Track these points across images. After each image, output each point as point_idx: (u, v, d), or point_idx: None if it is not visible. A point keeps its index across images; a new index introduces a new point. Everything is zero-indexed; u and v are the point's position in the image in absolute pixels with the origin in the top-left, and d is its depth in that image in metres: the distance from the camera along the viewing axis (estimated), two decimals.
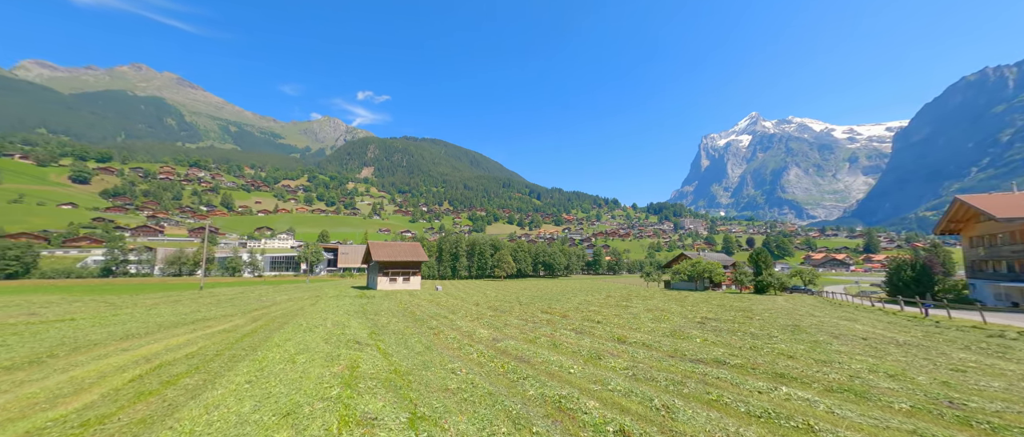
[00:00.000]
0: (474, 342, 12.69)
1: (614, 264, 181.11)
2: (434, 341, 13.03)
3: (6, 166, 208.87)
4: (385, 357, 8.93)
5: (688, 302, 28.53)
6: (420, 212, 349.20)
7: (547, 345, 11.88)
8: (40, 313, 20.19)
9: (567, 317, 19.78)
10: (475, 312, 22.39)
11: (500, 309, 24.05)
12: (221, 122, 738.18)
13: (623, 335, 13.48)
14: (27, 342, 12.10)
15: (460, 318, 19.50)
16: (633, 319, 18.41)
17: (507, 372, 8.58)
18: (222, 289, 49.11)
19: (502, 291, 46.94)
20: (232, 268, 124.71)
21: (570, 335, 13.81)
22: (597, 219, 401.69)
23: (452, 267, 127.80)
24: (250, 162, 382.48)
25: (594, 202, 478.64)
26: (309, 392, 5.34)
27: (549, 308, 24.28)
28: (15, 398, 6.70)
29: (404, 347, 11.57)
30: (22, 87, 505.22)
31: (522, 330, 15.22)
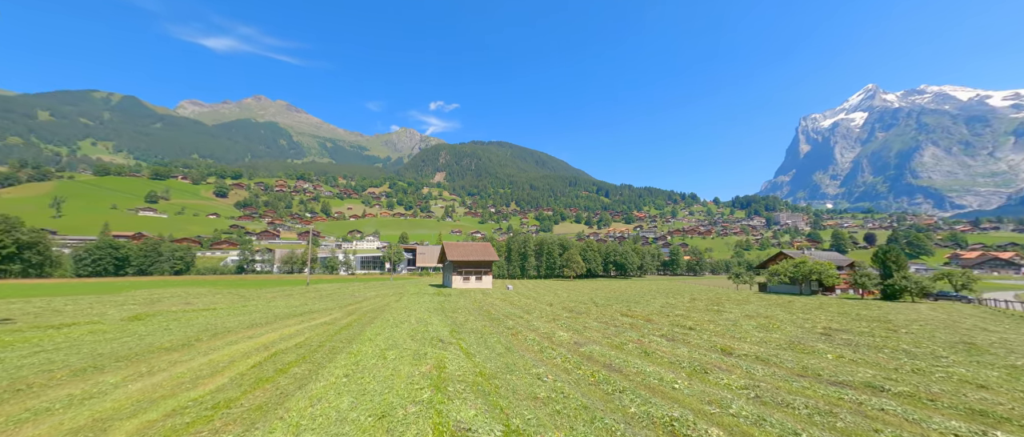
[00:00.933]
0: (555, 345, 12.05)
1: (694, 264, 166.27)
2: (513, 342, 12.68)
3: (172, 185, 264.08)
4: (468, 357, 8.73)
5: (796, 308, 24.42)
6: (488, 213, 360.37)
7: (637, 353, 10.72)
8: (193, 302, 24.62)
9: (652, 321, 18.09)
10: (550, 313, 21.75)
11: (576, 310, 23.08)
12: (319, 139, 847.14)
13: (727, 345, 11.67)
14: (183, 327, 14.56)
15: (536, 318, 19.03)
16: (733, 326, 16.09)
17: (598, 382, 7.77)
18: (323, 285, 55.60)
19: (573, 291, 45.64)
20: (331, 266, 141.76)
21: (661, 342, 12.39)
22: (672, 216, 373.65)
23: (521, 267, 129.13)
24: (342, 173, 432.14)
25: (668, 198, 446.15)
26: (401, 393, 5.17)
27: (629, 310, 22.62)
28: (169, 377, 7.73)
29: (484, 347, 11.38)
30: (181, 122, 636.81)
31: (604, 334, 14.15)
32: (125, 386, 7.15)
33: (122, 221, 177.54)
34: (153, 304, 22.42)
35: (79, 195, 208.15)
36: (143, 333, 13.10)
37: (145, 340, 11.79)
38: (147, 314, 17.82)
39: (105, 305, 21.14)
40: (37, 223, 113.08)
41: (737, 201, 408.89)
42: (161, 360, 9.33)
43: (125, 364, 8.89)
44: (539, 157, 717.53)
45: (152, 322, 15.63)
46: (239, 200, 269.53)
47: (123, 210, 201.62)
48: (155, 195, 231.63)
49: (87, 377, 7.80)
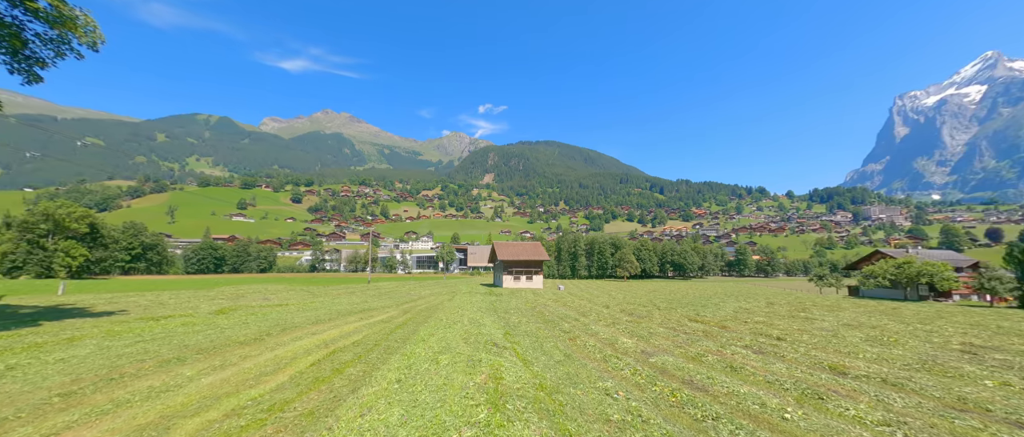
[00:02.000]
0: (619, 353, 10.87)
1: (765, 265, 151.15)
2: (572, 348, 11.72)
3: (257, 193, 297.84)
4: (525, 365, 7.96)
5: (908, 317, 20.40)
6: (537, 213, 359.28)
7: (721, 367, 9.21)
8: (270, 298, 26.84)
9: (728, 328, 16.00)
10: (608, 315, 20.35)
11: (636, 313, 21.38)
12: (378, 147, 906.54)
13: (836, 362, 9.65)
14: (258, 321, 15.59)
15: (593, 322, 17.81)
16: (833, 338, 13.58)
17: (682, 403, 6.58)
18: (383, 283, 58.60)
19: (629, 293, 43.13)
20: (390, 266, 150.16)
21: (747, 354, 10.65)
22: (737, 212, 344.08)
23: (571, 266, 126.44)
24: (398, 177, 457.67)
25: (732, 192, 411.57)
26: (454, 409, 4.52)
27: (697, 315, 20.43)
28: (237, 372, 7.91)
29: (541, 352, 10.57)
30: (264, 137, 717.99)
31: (674, 341, 12.62)
32: (198, 380, 7.40)
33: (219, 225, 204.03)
34: (237, 299, 24.72)
35: (187, 204, 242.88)
36: (224, 326, 14.14)
37: (225, 333, 12.64)
38: (230, 308, 19.53)
39: (199, 299, 23.70)
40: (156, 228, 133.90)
41: (815, 194, 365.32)
42: (234, 354, 9.76)
43: (203, 357, 9.41)
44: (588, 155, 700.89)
45: (234, 316, 16.99)
46: (311, 205, 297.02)
47: (220, 216, 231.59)
48: (244, 202, 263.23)
49: (169, 369, 8.26)
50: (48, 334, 11.49)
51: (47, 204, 74.46)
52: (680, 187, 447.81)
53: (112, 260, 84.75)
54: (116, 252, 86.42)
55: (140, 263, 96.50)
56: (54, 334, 11.50)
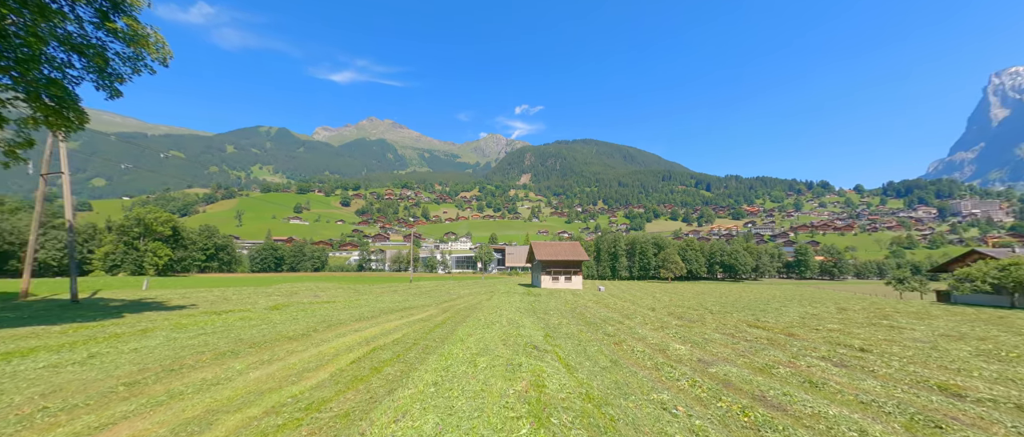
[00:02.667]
0: (672, 361, 9.90)
1: (830, 266, 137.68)
2: (618, 353, 10.89)
3: (311, 198, 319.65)
4: (569, 371, 7.35)
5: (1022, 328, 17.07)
6: (575, 213, 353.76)
7: (796, 382, 8.00)
8: (320, 295, 28.26)
9: (795, 336, 14.24)
10: (655, 319, 19.06)
11: (686, 317, 19.87)
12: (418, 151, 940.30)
13: (944, 381, 8.05)
14: (307, 317, 16.25)
15: (639, 325, 16.70)
16: (932, 351, 11.55)
17: (756, 424, 5.65)
18: (424, 282, 60.16)
19: (675, 294, 40.68)
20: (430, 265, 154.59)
21: (827, 368, 9.25)
22: (795, 209, 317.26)
23: (611, 267, 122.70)
24: (438, 180, 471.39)
25: (789, 188, 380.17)
26: (493, 421, 4.05)
27: (757, 320, 18.54)
28: (282, 367, 8.02)
29: (585, 357, 9.88)
30: (317, 146, 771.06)
31: (735, 350, 11.34)
32: (246, 374, 7.57)
33: (279, 228, 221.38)
34: (291, 296, 26.23)
35: (252, 208, 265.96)
36: (277, 321, 14.84)
37: (276, 328, 13.20)
38: (284, 304, 20.65)
39: (258, 296, 25.42)
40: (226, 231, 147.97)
41: (890, 188, 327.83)
42: (282, 348, 10.04)
43: (255, 351, 9.75)
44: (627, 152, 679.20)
45: (286, 312, 17.88)
46: (358, 208, 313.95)
47: (279, 219, 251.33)
48: (300, 206, 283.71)
49: (223, 361, 8.59)
50: (127, 325, 12.62)
51: (139, 210, 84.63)
52: (729, 183, 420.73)
53: (190, 259, 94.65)
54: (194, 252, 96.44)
55: (213, 262, 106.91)
56: (132, 325, 12.61)
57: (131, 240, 79.69)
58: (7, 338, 10.16)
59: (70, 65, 12.95)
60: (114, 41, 13.06)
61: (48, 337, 10.44)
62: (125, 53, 13.45)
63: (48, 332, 11.08)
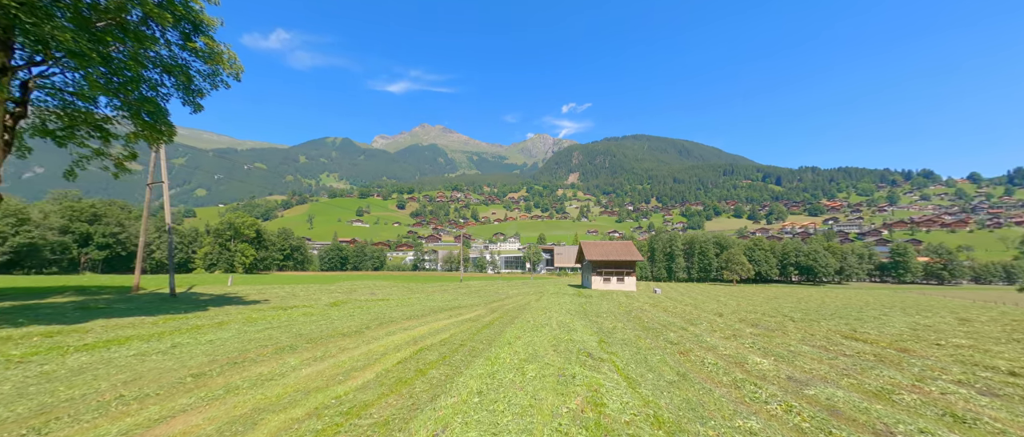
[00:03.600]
0: (755, 378, 8.45)
1: (938, 268, 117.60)
2: (686, 366, 9.61)
3: (371, 202, 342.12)
4: (631, 386, 6.41)
5: None
6: (626, 211, 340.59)
7: (932, 414, 6.29)
8: (376, 293, 29.55)
9: (910, 352, 11.71)
10: (724, 326, 17.04)
11: (762, 325, 17.53)
12: (467, 154, 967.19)
13: None
14: (362, 314, 16.80)
15: (706, 333, 14.96)
16: None
17: None
18: (473, 282, 61.04)
19: (743, 299, 36.77)
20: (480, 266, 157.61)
21: (971, 396, 7.26)
22: (889, 203, 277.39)
23: (667, 268, 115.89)
24: (486, 182, 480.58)
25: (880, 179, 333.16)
26: None
27: (854, 332, 15.77)
28: (333, 365, 8.01)
29: (646, 368, 8.79)
30: (375, 153, 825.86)
31: (834, 367, 9.48)
32: (298, 370, 7.65)
33: (343, 230, 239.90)
34: (350, 293, 27.70)
35: (321, 213, 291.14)
36: (335, 317, 15.45)
37: (333, 324, 13.68)
38: (343, 301, 21.71)
39: (321, 292, 27.17)
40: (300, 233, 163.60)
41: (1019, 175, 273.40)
42: (335, 345, 10.22)
43: (310, 346, 10.01)
44: (682, 146, 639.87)
45: (344, 308, 18.69)
46: (413, 210, 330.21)
47: (344, 222, 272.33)
48: (361, 210, 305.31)
49: (281, 356, 8.85)
50: (207, 318, 13.84)
51: (230, 216, 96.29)
52: (803, 176, 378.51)
53: (270, 258, 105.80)
54: (273, 252, 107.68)
55: (289, 261, 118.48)
56: (211, 318, 13.80)
57: (224, 242, 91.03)
58: (112, 327, 11.53)
59: (162, 84, 14.58)
60: (195, 60, 14.47)
61: (143, 327, 11.68)
62: (204, 70, 14.86)
63: (144, 323, 12.44)
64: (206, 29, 14.03)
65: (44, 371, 7.31)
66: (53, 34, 10.26)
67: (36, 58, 12.31)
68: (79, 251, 70.66)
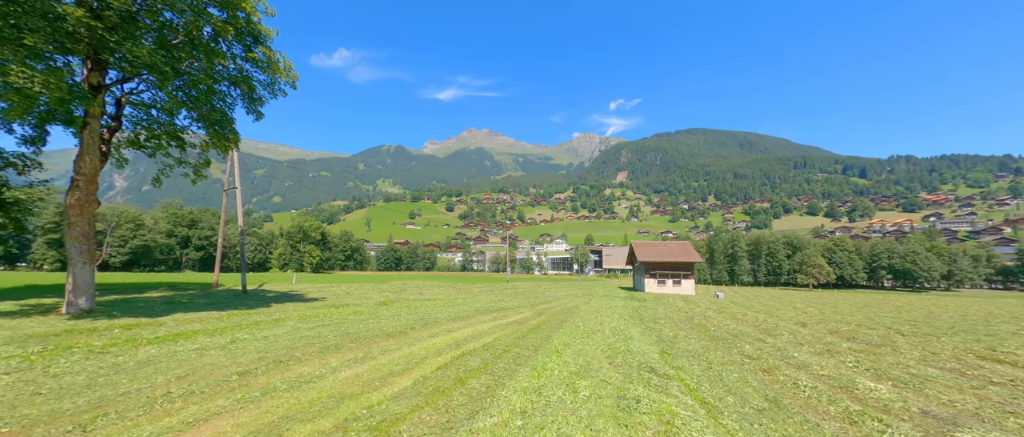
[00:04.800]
0: (875, 410, 6.68)
1: None
2: (775, 388, 7.99)
3: (422, 205, 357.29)
4: (711, 416, 5.20)
5: None
6: (680, 210, 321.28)
7: None
8: (425, 293, 30.02)
9: None
10: (811, 338, 14.55)
11: (860, 339, 14.73)
12: (513, 156, 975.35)
13: None
14: (409, 314, 16.79)
15: (791, 346, 12.78)
16: None
17: None
18: (520, 283, 60.52)
19: (826, 306, 32.09)
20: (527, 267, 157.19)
21: None
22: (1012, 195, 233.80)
23: (729, 270, 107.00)
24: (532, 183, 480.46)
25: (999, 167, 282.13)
26: None
27: (993, 352, 12.57)
28: (372, 368, 7.66)
29: (724, 389, 7.37)
30: (426, 159, 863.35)
31: (983, 399, 7.31)
32: (338, 372, 7.38)
33: (398, 232, 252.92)
34: (399, 293, 28.35)
35: (377, 216, 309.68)
36: (382, 316, 15.54)
37: (380, 323, 13.66)
38: (392, 301, 22.09)
39: (373, 291, 28.11)
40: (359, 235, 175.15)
41: None
42: (378, 346, 9.98)
43: (354, 346, 9.86)
44: (744, 139, 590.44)
45: (392, 307, 18.90)
46: (461, 213, 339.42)
47: (398, 225, 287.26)
48: (413, 213, 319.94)
49: (325, 356, 8.72)
50: (267, 315, 14.53)
51: (299, 220, 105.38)
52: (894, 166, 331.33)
53: (334, 259, 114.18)
54: (336, 253, 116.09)
55: (350, 261, 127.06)
56: (270, 315, 14.47)
57: (294, 244, 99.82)
58: (184, 321, 12.41)
59: (229, 95, 15.70)
60: (255, 70, 15.38)
61: (209, 322, 12.44)
62: (264, 80, 15.76)
63: (211, 317, 13.30)
64: (264, 40, 14.83)
65: (116, 362, 7.74)
66: (133, 51, 11.25)
67: (125, 76, 13.72)
68: (181, 252, 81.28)
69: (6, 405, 5.43)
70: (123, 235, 69.81)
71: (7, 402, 5.55)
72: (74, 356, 7.95)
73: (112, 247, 68.84)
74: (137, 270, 69.72)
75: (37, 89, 9.57)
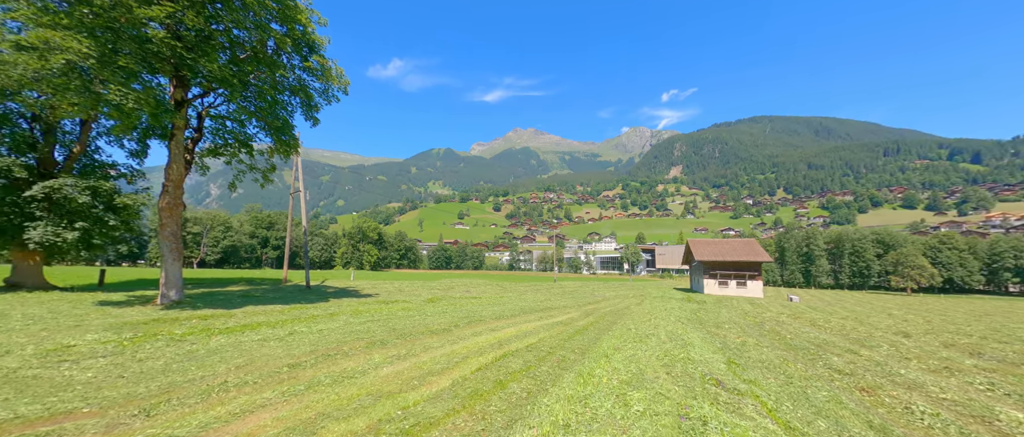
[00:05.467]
0: None
1: None
2: (879, 412, 6.58)
3: (470, 206, 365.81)
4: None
5: None
6: (743, 206, 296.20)
7: None
8: (471, 291, 30.31)
9: None
10: (919, 351, 12.15)
11: (988, 354, 12.01)
12: (559, 154, 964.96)
13: None
14: (454, 311, 16.86)
15: (894, 361, 10.72)
16: None
17: None
18: (567, 282, 59.28)
19: (934, 314, 27.11)
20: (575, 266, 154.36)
21: None
22: None
23: (804, 271, 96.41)
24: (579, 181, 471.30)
25: None
26: None
27: None
28: (411, 366, 7.54)
29: (812, 410, 6.17)
30: (473, 160, 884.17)
31: None
32: (379, 369, 7.34)
33: (447, 232, 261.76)
34: (447, 290, 28.88)
35: (429, 217, 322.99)
36: (429, 314, 15.73)
37: (426, 320, 13.79)
38: (439, 298, 22.47)
39: (423, 289, 28.92)
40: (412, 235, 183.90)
41: None
42: (421, 343, 9.95)
43: (398, 343, 9.92)
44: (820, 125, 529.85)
45: (439, 305, 19.15)
46: (508, 212, 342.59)
47: (448, 225, 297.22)
48: (462, 213, 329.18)
49: (370, 351, 8.82)
50: (323, 309, 15.34)
51: (358, 221, 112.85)
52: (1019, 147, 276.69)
53: (390, 258, 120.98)
54: (391, 252, 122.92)
55: (404, 260, 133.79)
56: (326, 309, 15.26)
57: (355, 243, 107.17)
58: (252, 313, 13.47)
59: (289, 104, 16.88)
60: (311, 78, 16.37)
61: (273, 315, 13.37)
62: (318, 87, 16.74)
63: (275, 311, 14.31)
64: (318, 48, 15.71)
65: (190, 350, 8.43)
66: (208, 67, 12.40)
67: (203, 92, 15.26)
68: (261, 250, 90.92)
69: (94, 386, 6.01)
70: (216, 236, 79.73)
71: (95, 383, 6.16)
72: (158, 343, 8.81)
73: (207, 246, 79.04)
74: (227, 267, 79.22)
75: (131, 105, 10.86)
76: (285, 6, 14.09)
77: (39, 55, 9.67)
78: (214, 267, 77.32)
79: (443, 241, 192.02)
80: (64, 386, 5.89)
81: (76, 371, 6.66)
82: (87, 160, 18.94)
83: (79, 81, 10.41)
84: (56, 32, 9.71)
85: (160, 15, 10.88)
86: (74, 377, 6.33)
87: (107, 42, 10.53)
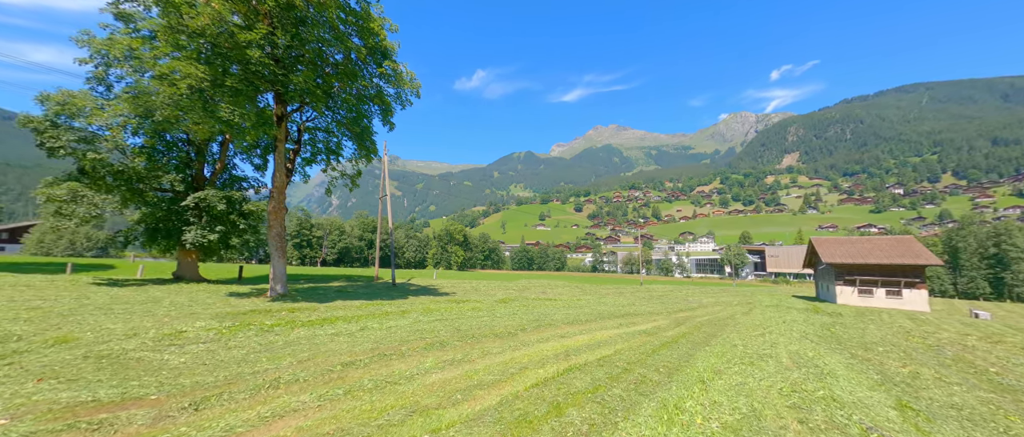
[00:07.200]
0: None
1: None
2: None
3: (551, 207, 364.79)
4: None
5: None
6: (890, 197, 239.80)
7: None
8: (547, 292, 29.15)
9: None
10: None
11: None
12: (644, 149, 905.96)
13: None
14: (524, 313, 15.93)
15: None
16: None
17: None
18: (656, 286, 54.14)
19: None
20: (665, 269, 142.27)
21: None
22: None
23: (989, 278, 73.82)
24: (668, 177, 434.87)
25: None
26: None
27: None
28: (461, 375, 6.79)
29: None
30: (553, 161, 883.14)
31: None
32: (426, 376, 6.71)
33: (529, 234, 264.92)
34: (523, 291, 28.20)
35: (511, 219, 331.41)
36: (499, 314, 15.07)
37: (493, 321, 13.10)
38: (512, 299, 21.82)
39: (498, 289, 28.73)
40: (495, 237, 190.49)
41: None
42: (480, 348, 9.18)
43: (457, 345, 9.31)
44: (1009, 86, 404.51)
45: (511, 306, 18.45)
46: (590, 212, 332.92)
47: (529, 226, 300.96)
48: (543, 215, 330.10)
49: (426, 353, 8.33)
50: (397, 306, 15.77)
51: (447, 225, 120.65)
52: None
53: (475, 258, 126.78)
54: (476, 253, 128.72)
55: (488, 261, 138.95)
56: (399, 307, 15.66)
57: (443, 245, 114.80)
58: (335, 307, 14.39)
59: (369, 111, 18.00)
60: (385, 84, 17.17)
61: (352, 310, 14.08)
62: (392, 92, 17.50)
63: (355, 306, 15.13)
64: (390, 54, 16.37)
65: (270, 341, 8.95)
66: (297, 83, 13.65)
67: (299, 106, 17.05)
68: (368, 252, 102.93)
69: (178, 372, 6.47)
70: (333, 239, 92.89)
71: (181, 369, 6.65)
72: (249, 332, 9.61)
73: (327, 248, 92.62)
74: (342, 265, 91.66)
75: (237, 120, 12.40)
76: (361, 18, 14.90)
77: (170, 83, 11.57)
78: (332, 265, 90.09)
79: (525, 242, 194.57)
80: (155, 370, 6.43)
81: (174, 356, 7.37)
82: (226, 175, 23.00)
83: (200, 102, 12.22)
84: (180, 62, 11.51)
85: (256, 38, 12.21)
86: (168, 361, 6.96)
87: (219, 66, 12.19)
